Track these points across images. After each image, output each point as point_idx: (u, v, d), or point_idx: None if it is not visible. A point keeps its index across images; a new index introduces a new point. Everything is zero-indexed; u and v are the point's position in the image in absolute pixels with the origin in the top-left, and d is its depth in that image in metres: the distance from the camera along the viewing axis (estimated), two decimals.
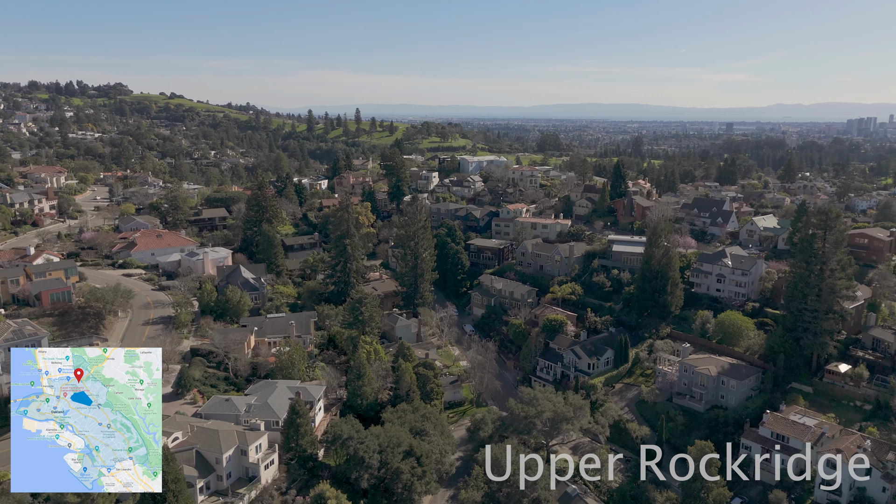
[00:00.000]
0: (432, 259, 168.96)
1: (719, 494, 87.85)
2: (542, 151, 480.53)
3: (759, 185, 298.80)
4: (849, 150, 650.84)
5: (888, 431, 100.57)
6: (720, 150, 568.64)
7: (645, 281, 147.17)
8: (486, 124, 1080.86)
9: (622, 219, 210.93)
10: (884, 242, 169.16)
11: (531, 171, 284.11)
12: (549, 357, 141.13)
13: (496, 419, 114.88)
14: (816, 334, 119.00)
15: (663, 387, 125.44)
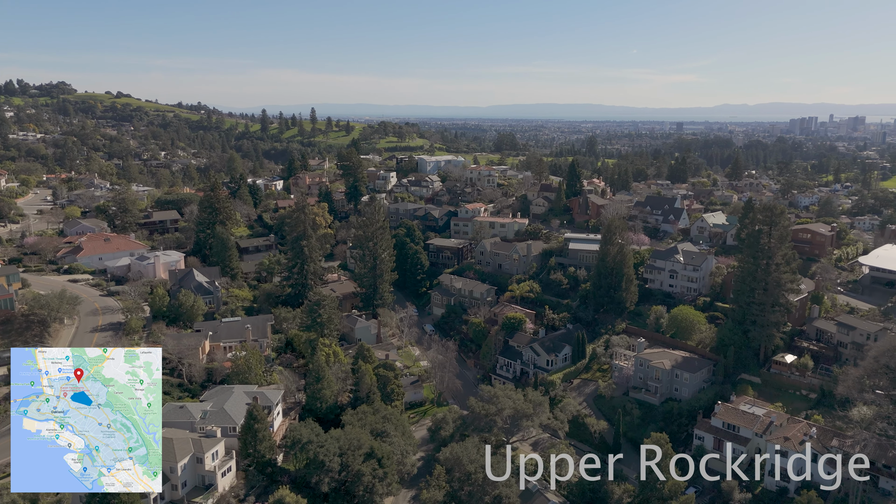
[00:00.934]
0: (391, 259, 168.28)
1: (674, 485, 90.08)
2: (499, 151, 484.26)
3: (708, 183, 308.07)
4: (792, 149, 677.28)
5: (832, 419, 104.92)
6: (671, 149, 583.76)
7: (601, 278, 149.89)
8: (444, 124, 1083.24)
9: (578, 217, 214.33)
10: (825, 237, 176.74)
11: (489, 170, 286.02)
12: (508, 355, 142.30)
13: (457, 418, 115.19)
14: (764, 327, 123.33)
15: (620, 381, 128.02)
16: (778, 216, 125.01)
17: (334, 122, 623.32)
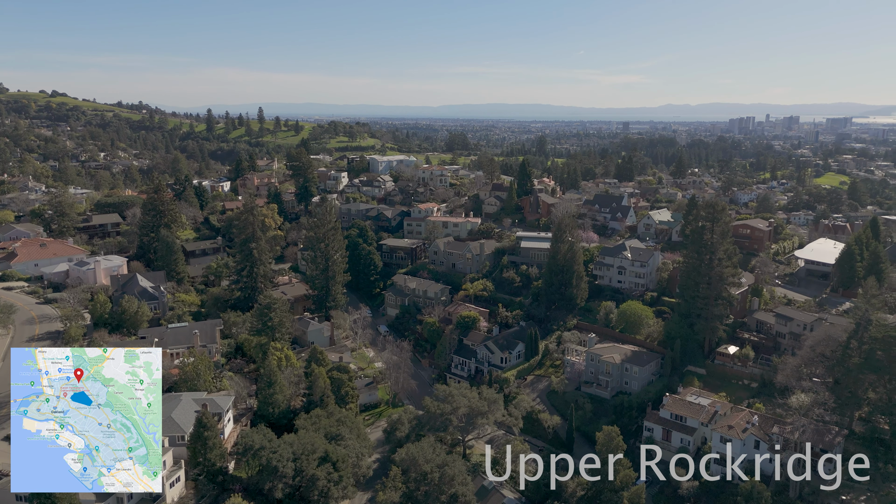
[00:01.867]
0: (344, 260, 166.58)
1: (626, 476, 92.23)
2: (451, 151, 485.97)
3: (653, 181, 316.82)
4: (731, 148, 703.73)
5: (773, 406, 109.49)
6: (618, 148, 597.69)
7: (552, 275, 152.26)
8: (395, 124, 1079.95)
9: (529, 216, 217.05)
10: (764, 232, 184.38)
11: (441, 170, 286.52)
12: (463, 353, 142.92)
13: (413, 418, 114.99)
14: (708, 319, 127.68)
15: (572, 376, 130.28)
16: (719, 213, 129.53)
17: (283, 121, 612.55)
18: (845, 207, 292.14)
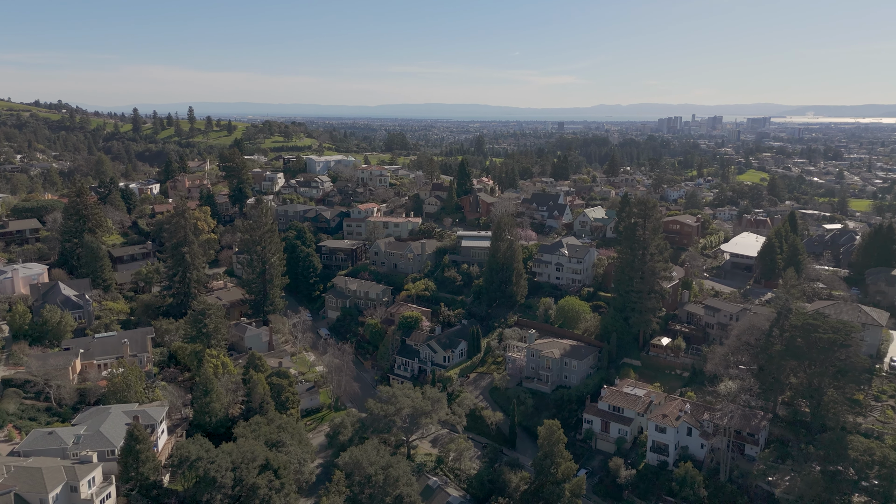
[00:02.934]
0: (281, 263, 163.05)
1: (567, 468, 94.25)
2: (390, 151, 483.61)
3: (588, 180, 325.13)
4: (661, 147, 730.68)
5: (703, 394, 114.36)
6: (554, 147, 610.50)
7: (492, 273, 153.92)
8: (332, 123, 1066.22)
9: (469, 215, 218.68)
10: (692, 227, 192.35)
11: (380, 170, 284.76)
12: (406, 354, 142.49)
13: (356, 421, 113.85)
14: (642, 313, 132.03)
15: (513, 372, 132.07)
16: (651, 209, 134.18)
17: (214, 121, 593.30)
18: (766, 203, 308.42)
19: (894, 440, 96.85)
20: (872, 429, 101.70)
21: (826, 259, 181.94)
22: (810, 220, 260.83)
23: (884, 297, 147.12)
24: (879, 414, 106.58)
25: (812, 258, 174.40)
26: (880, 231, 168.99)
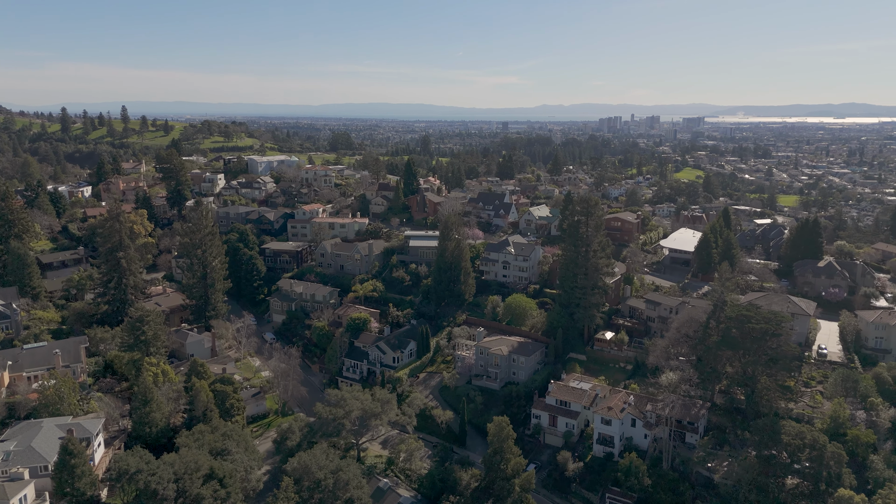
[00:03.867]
0: (223, 267, 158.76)
1: (516, 464, 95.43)
2: (335, 150, 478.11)
3: (532, 179, 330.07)
4: (602, 146, 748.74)
5: (646, 386, 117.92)
6: (499, 147, 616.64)
7: (440, 272, 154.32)
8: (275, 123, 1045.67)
9: (416, 215, 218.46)
10: (633, 224, 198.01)
11: (325, 170, 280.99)
12: (354, 356, 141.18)
13: (304, 426, 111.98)
14: (586, 308, 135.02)
15: (463, 371, 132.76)
16: (593, 207, 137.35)
17: (150, 121, 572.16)
18: (701, 199, 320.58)
19: (823, 424, 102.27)
20: (803, 413, 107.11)
21: (757, 252, 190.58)
22: (742, 216, 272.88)
23: (811, 287, 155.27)
24: (809, 399, 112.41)
25: (745, 252, 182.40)
26: (806, 225, 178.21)
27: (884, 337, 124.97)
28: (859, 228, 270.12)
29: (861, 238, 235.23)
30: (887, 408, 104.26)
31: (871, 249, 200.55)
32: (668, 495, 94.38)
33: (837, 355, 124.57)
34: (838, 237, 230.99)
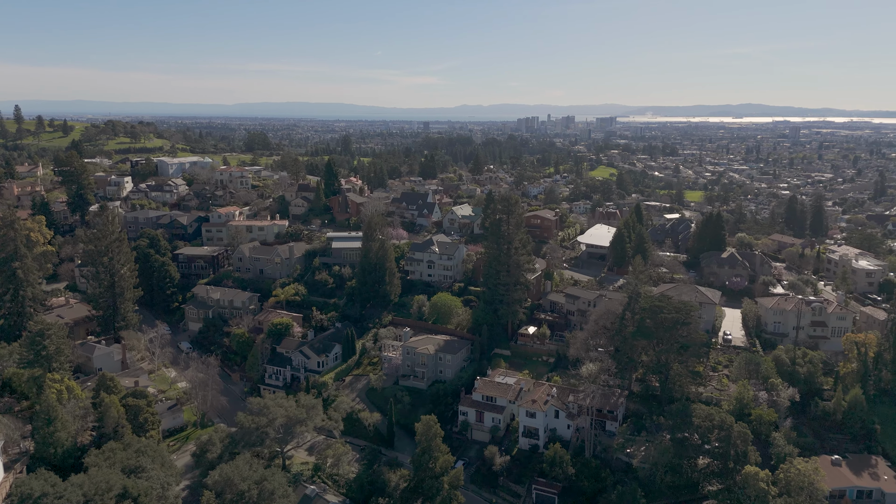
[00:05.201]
0: (133, 275, 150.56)
1: (445, 461, 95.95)
2: (251, 151, 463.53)
3: (455, 178, 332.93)
4: (521, 145, 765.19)
5: (568, 378, 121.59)
6: (420, 147, 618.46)
7: (365, 274, 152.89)
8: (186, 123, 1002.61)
9: (338, 216, 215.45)
10: (552, 221, 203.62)
11: (241, 171, 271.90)
12: (277, 362, 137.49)
13: (225, 437, 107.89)
14: (510, 304, 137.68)
15: (390, 372, 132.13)
16: (513, 206, 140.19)
17: (47, 121, 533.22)
18: (615, 196, 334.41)
19: (730, 405, 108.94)
20: (712, 397, 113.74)
21: (667, 246, 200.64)
22: (653, 211, 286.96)
23: (716, 277, 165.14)
24: (716, 383, 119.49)
25: (656, 246, 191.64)
26: (711, 219, 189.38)
27: (781, 322, 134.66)
28: (757, 221, 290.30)
29: (759, 230, 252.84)
30: (786, 387, 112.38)
31: (769, 240, 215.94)
32: (591, 482, 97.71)
33: (741, 340, 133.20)
34: (739, 230, 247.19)
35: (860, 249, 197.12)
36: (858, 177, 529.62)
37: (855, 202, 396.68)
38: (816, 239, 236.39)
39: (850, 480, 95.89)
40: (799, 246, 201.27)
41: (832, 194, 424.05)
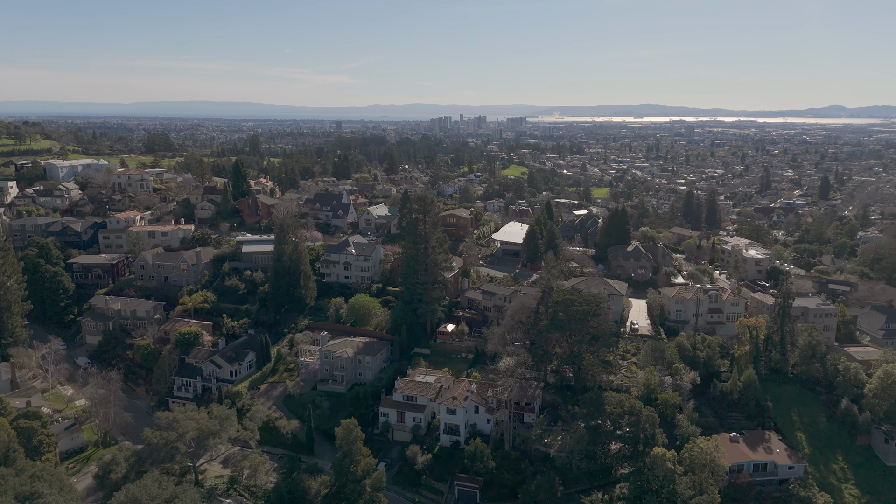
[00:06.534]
0: (21, 287, 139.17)
1: (366, 464, 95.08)
2: (152, 152, 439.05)
3: (369, 178, 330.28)
4: (435, 145, 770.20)
5: (486, 373, 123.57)
6: (333, 146, 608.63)
7: (279, 278, 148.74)
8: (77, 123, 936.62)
9: (248, 218, 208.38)
10: (467, 220, 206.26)
11: (141, 174, 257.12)
12: (186, 373, 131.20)
13: (131, 455, 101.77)
14: (428, 303, 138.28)
15: (307, 377, 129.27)
16: (429, 205, 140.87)
17: None
18: (527, 194, 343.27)
19: (638, 391, 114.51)
20: (622, 384, 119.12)
21: (577, 241, 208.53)
22: (563, 208, 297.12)
23: (622, 270, 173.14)
24: (626, 370, 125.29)
25: (566, 241, 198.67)
26: (616, 214, 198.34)
27: (682, 310, 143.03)
28: (659, 215, 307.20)
29: (660, 224, 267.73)
30: (688, 371, 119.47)
31: (669, 233, 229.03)
32: (511, 474, 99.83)
33: (647, 329, 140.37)
34: (642, 224, 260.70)
35: (750, 240, 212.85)
36: (746, 172, 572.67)
37: (744, 196, 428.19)
38: (711, 231, 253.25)
39: (747, 455, 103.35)
40: (696, 238, 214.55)
41: (724, 189, 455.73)
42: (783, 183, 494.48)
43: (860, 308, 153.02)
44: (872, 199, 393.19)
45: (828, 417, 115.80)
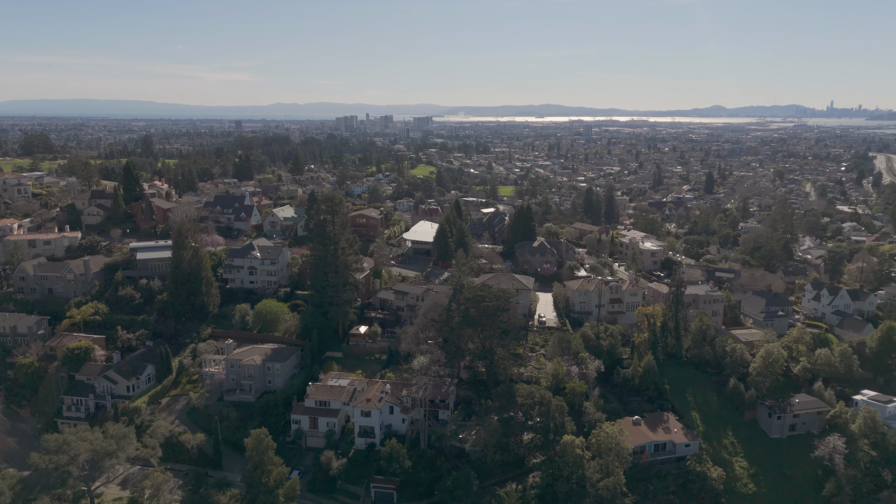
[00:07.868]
0: None
1: (279, 473, 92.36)
2: (30, 155, 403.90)
3: (273, 179, 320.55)
4: (341, 144, 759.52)
5: (401, 373, 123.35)
6: (233, 146, 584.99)
7: (178, 285, 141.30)
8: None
9: (142, 224, 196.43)
10: (377, 220, 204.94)
11: (18, 178, 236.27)
12: (77, 391, 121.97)
13: (16, 483, 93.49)
14: (339, 306, 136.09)
15: (213, 388, 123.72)
16: (337, 205, 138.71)
17: None
18: (436, 193, 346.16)
19: (547, 382, 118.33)
20: (532, 376, 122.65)
21: (485, 238, 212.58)
22: (471, 206, 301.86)
23: (529, 265, 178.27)
24: (535, 362, 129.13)
25: (475, 238, 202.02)
26: (522, 212, 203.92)
27: (585, 301, 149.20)
28: (561, 212, 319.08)
29: (563, 220, 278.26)
30: (593, 360, 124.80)
31: (572, 229, 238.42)
32: (427, 472, 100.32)
33: (554, 321, 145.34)
34: (547, 220, 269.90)
35: (645, 233, 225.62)
36: (640, 169, 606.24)
37: (639, 191, 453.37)
38: (610, 225, 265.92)
39: (648, 436, 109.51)
40: (596, 232, 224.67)
41: (620, 185, 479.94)
42: (673, 178, 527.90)
43: (743, 293, 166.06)
44: (751, 192, 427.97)
45: (718, 396, 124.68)
